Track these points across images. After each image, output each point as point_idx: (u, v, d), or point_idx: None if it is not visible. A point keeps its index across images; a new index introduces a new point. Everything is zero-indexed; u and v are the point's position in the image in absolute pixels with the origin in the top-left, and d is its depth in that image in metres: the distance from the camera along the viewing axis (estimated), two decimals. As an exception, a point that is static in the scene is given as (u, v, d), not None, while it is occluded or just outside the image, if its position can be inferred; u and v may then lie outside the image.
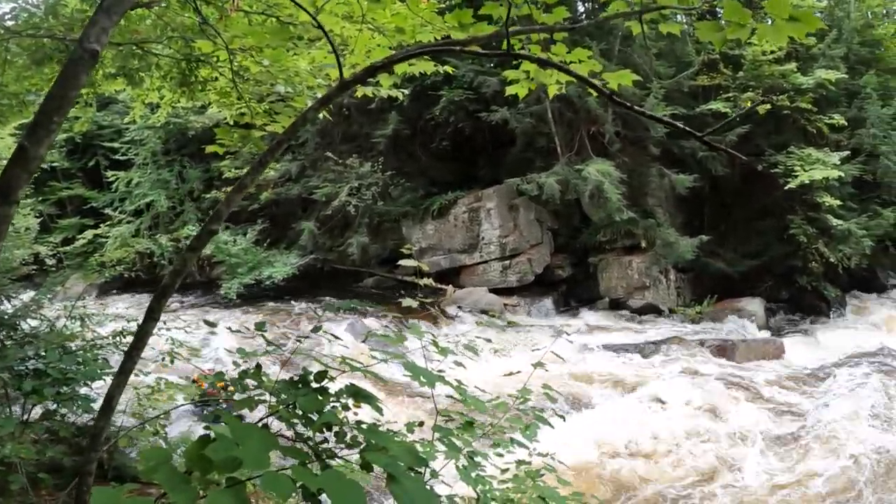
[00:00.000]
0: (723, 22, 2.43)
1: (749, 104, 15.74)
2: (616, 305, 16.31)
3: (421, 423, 3.20)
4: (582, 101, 15.51)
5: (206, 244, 3.23)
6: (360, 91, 5.15)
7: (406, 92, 7.80)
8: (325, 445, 2.38)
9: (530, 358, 3.82)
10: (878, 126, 17.11)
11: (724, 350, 12.60)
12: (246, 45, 4.60)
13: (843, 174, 15.36)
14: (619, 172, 15.30)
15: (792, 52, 16.91)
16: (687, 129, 2.98)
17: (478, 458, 3.01)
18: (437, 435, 2.77)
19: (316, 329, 3.20)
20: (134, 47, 5.07)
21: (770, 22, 2.33)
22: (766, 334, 14.76)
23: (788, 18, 2.26)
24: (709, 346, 12.79)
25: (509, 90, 3.56)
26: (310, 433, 2.35)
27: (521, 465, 3.46)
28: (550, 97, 13.65)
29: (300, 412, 2.31)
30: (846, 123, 16.95)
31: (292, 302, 15.98)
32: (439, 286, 16.01)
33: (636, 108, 3.12)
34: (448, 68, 5.72)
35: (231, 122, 5.23)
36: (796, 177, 15.06)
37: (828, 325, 15.74)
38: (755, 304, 15.81)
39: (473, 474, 2.83)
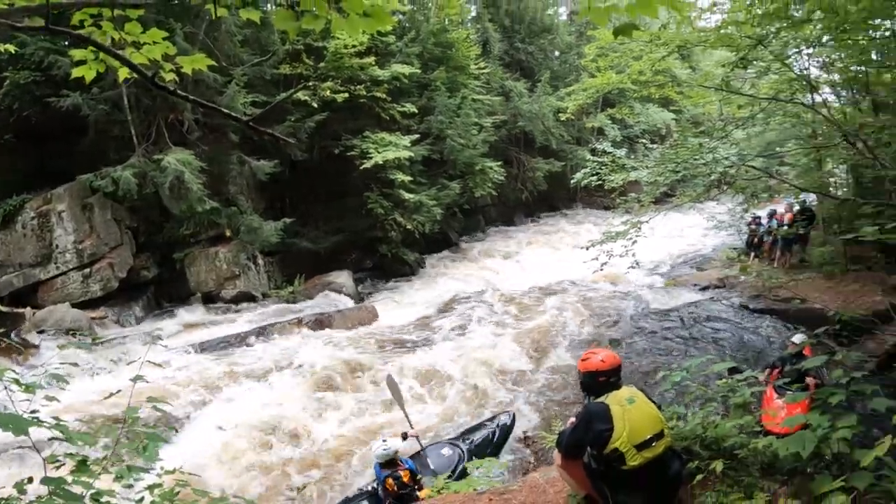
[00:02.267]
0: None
1: (329, 93, 18.48)
2: (210, 299, 17.08)
3: (30, 479, 3.08)
4: (163, 93, 15.92)
5: None
6: None
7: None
8: None
9: (130, 371, 3.97)
10: (445, 113, 22.08)
11: (321, 323, 14.51)
12: None
13: (413, 154, 19.61)
14: (199, 161, 15.82)
15: (372, 47, 20.25)
16: (232, 114, 3.37)
17: (104, 499, 3.06)
18: (50, 487, 2.63)
19: None
20: None
21: (346, 16, 2.69)
22: (358, 302, 17.58)
23: (363, 14, 2.67)
24: (307, 322, 14.48)
25: (75, 72, 3.56)
26: None
27: (153, 489, 3.53)
28: (120, 81, 14.23)
29: None
30: (417, 111, 21.40)
31: None
32: (15, 310, 14.84)
33: (179, 92, 3.40)
34: (11, 46, 5.61)
35: None
36: (371, 158, 18.57)
37: (412, 283, 20.06)
38: (344, 276, 18.70)
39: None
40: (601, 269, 10.62)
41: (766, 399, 7.89)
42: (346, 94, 18.93)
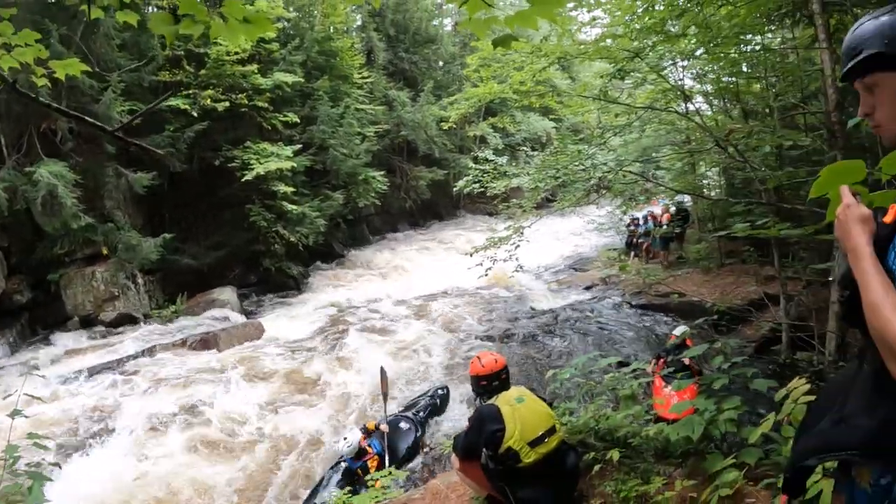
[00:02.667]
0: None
1: (209, 102, 17.91)
2: (89, 323, 15.91)
3: None
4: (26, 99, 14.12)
5: None
6: None
7: None
8: None
9: (6, 407, 3.90)
10: (328, 123, 21.71)
11: (207, 342, 13.90)
12: None
13: (295, 165, 19.22)
14: (73, 174, 14.83)
15: (255, 54, 19.77)
16: (97, 123, 3.28)
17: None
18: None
19: None
20: None
21: (226, 21, 2.65)
22: (244, 318, 16.95)
23: (243, 20, 2.64)
24: (192, 342, 13.92)
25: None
26: None
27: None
28: (-12, 86, 13.10)
29: None
30: (299, 121, 20.95)
31: None
32: None
33: (43, 100, 3.32)
34: None
35: None
36: (252, 169, 18.17)
37: (297, 297, 19.62)
38: (227, 293, 18.06)
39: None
40: (486, 275, 10.85)
41: (655, 388, 8.27)
42: (228, 103, 18.38)
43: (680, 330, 8.92)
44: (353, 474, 7.71)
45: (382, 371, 9.44)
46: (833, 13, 7.86)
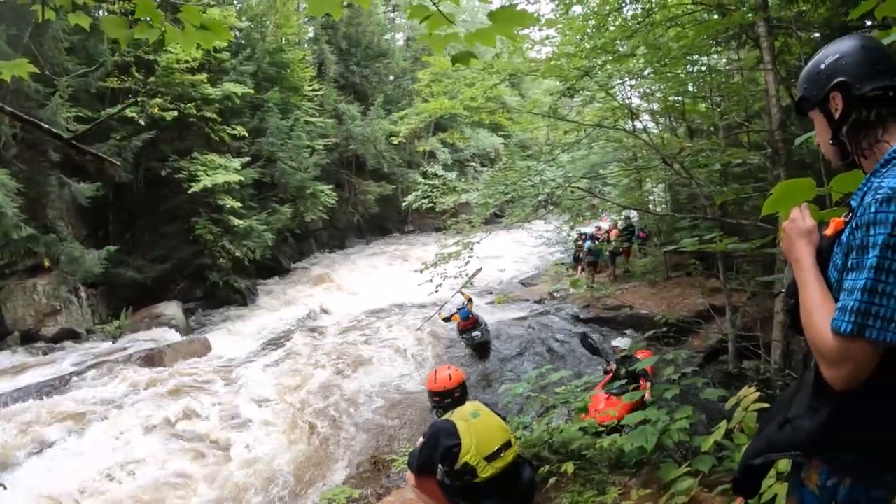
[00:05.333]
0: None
1: (157, 110, 17.55)
2: (29, 338, 15.41)
3: None
4: (-29, 100, 13.78)
5: None
6: None
7: None
8: None
9: None
10: (277, 135, 21.65)
11: (151, 359, 13.64)
12: None
13: (243, 178, 19.04)
14: (15, 182, 14.46)
15: (206, 63, 19.50)
16: (53, 130, 2.96)
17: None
18: None
19: None
20: None
21: (182, 28, 2.58)
22: (189, 335, 16.56)
23: (199, 26, 2.57)
24: (136, 359, 13.59)
25: None
26: None
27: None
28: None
29: None
30: (248, 133, 20.73)
31: None
32: None
33: None
34: None
35: None
36: (199, 181, 17.83)
37: (244, 312, 19.30)
38: (173, 308, 17.63)
39: None
40: (436, 291, 10.88)
41: (594, 399, 8.32)
42: (176, 113, 18.04)
43: (624, 342, 9.03)
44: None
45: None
46: (778, 36, 8.16)
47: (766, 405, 3.72)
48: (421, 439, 4.38)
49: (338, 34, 32.05)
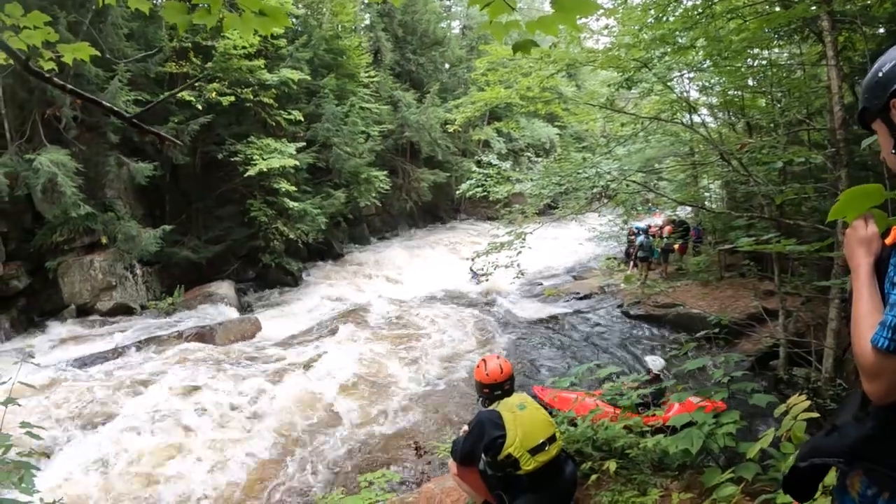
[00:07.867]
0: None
1: (214, 95, 17.83)
2: (85, 312, 15.82)
3: None
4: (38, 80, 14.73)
5: None
6: None
7: None
8: None
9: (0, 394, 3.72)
10: (333, 121, 21.71)
11: (203, 336, 13.91)
12: None
13: (298, 162, 19.15)
14: (74, 162, 14.82)
15: (263, 49, 19.74)
16: (115, 109, 3.07)
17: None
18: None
19: None
20: None
21: (240, 13, 2.57)
22: (240, 314, 16.85)
23: (258, 12, 2.55)
24: (188, 336, 13.86)
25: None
26: None
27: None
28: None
29: None
30: (303, 118, 20.90)
31: None
32: None
33: (57, 80, 2.98)
34: None
35: None
36: (255, 165, 18.07)
37: (295, 294, 19.56)
38: (225, 287, 17.96)
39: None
40: (486, 280, 10.79)
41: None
42: (233, 97, 18.31)
43: (656, 363, 8.59)
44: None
45: None
46: (842, 31, 7.89)
47: (816, 415, 3.61)
48: (465, 428, 4.38)
49: (394, 22, 32.05)
